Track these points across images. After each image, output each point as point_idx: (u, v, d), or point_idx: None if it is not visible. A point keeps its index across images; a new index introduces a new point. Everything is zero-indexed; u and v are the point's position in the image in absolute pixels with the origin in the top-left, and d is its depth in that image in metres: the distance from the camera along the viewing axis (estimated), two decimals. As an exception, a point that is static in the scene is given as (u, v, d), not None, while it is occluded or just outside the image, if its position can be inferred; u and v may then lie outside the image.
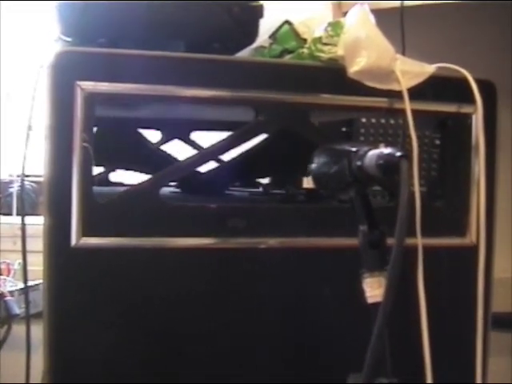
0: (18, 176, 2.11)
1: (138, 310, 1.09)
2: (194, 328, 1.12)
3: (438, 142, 1.70)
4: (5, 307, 1.69)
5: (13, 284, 1.78)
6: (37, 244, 1.16)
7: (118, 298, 1.08)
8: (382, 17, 1.19)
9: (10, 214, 2.12)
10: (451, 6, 1.71)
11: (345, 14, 1.20)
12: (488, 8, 1.74)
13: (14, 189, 2.14)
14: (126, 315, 1.09)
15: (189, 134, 1.67)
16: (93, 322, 1.07)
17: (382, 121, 1.73)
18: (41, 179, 2.02)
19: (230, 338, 1.14)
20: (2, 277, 1.80)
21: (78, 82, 1.04)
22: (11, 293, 1.73)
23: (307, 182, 1.69)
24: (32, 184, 2.12)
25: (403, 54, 1.26)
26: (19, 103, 2.18)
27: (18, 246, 1.26)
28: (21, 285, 1.78)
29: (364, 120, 1.72)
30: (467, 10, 1.75)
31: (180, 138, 1.65)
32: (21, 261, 1.74)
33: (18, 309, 1.70)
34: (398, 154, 0.83)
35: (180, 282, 1.11)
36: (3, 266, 1.83)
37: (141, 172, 1.32)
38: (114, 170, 1.62)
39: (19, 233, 1.20)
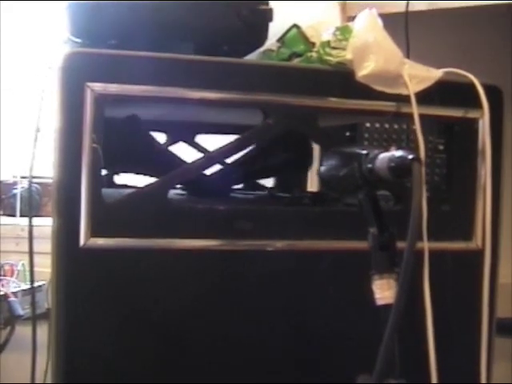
0: (23, 177, 2.11)
1: (145, 310, 1.09)
2: (200, 329, 1.12)
3: (441, 147, 1.71)
4: (8, 308, 1.70)
5: (16, 285, 1.79)
6: (40, 245, 1.17)
7: (125, 298, 1.08)
8: (387, 21, 1.19)
9: (13, 215, 2.12)
10: (456, 11, 1.72)
11: (349, 17, 1.21)
12: (493, 14, 1.75)
13: (18, 190, 2.14)
14: (134, 316, 1.09)
15: (194, 137, 1.67)
16: (100, 322, 1.07)
17: (386, 126, 1.73)
18: (45, 181, 2.04)
19: (236, 340, 1.14)
20: (5, 278, 1.80)
21: (88, 84, 1.04)
22: (15, 294, 1.74)
23: (311, 186, 1.70)
24: (36, 186, 2.12)
25: (407, 58, 1.27)
26: (24, 104, 2.18)
27: (22, 247, 1.26)
28: (24, 286, 1.78)
29: (368, 125, 1.72)
30: (472, 16, 1.76)
31: (185, 141, 1.66)
32: (24, 262, 1.75)
33: (21, 310, 1.71)
34: (410, 156, 0.83)
35: (187, 283, 1.11)
36: (7, 267, 1.82)
37: (148, 175, 1.31)
38: (117, 173, 1.62)
39: (22, 234, 1.20)
